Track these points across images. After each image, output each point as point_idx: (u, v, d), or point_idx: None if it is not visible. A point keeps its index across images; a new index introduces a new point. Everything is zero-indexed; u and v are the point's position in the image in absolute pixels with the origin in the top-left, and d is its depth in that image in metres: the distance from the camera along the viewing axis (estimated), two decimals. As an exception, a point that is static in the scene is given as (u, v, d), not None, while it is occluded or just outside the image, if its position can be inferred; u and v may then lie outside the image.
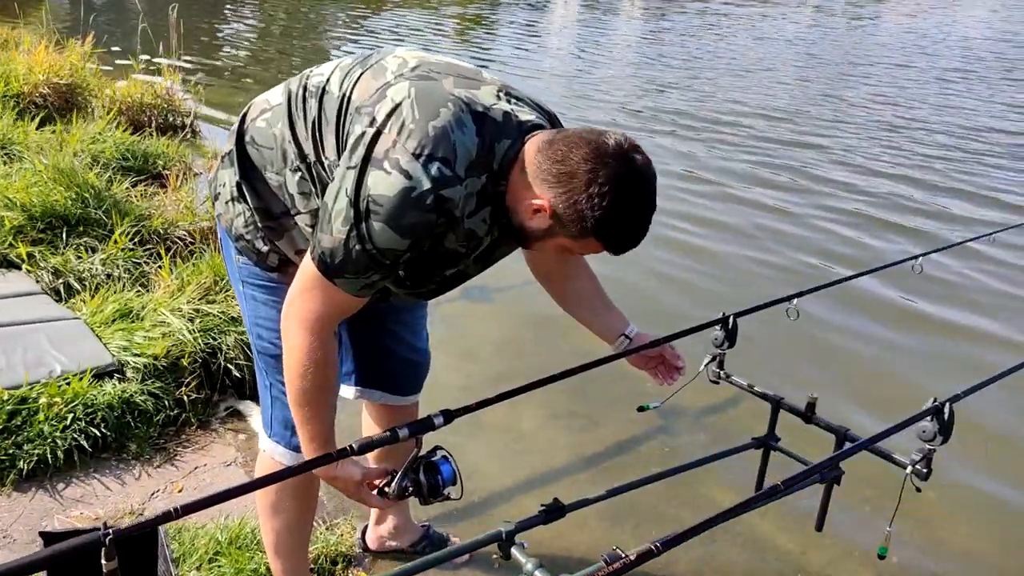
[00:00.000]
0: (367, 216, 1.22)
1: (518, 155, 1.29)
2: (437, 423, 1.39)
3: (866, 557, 2.30)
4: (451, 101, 1.26)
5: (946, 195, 5.74)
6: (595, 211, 1.21)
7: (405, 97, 1.26)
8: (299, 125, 1.39)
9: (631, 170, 1.21)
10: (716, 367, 1.92)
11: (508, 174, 1.29)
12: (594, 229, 1.23)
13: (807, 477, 1.34)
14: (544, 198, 1.24)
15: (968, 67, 11.16)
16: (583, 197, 1.20)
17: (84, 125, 4.40)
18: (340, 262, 1.26)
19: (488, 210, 1.32)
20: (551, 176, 1.23)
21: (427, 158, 1.21)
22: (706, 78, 9.66)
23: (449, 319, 3.50)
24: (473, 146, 1.25)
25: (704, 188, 5.47)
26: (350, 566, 2.10)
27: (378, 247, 1.24)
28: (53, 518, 2.13)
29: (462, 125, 1.25)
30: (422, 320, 1.91)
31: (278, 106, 1.44)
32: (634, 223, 1.26)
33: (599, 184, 1.20)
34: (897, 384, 3.31)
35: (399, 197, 1.20)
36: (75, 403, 2.36)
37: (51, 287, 3.02)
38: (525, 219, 1.29)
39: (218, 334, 2.76)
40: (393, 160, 1.21)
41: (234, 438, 2.58)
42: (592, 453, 2.71)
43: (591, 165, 1.20)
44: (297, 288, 1.34)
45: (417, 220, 1.22)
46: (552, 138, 1.25)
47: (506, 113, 1.31)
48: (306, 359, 1.32)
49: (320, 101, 1.37)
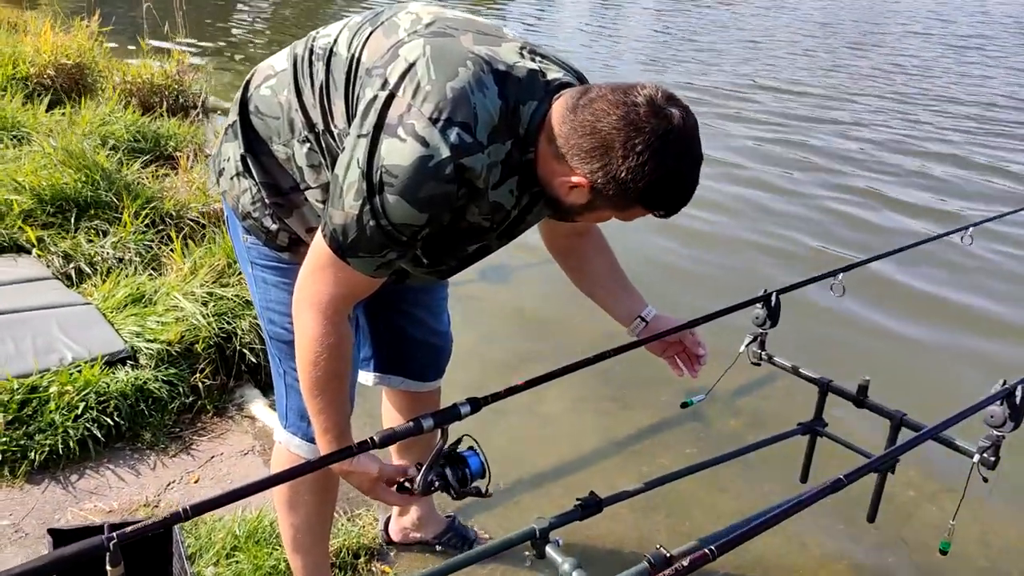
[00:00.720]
0: (381, 188, 1.11)
1: (546, 117, 1.17)
2: (464, 412, 1.29)
3: (921, 550, 2.18)
4: (470, 59, 1.14)
5: (982, 171, 5.53)
6: (638, 181, 1.10)
7: (420, 56, 1.15)
8: (306, 92, 1.28)
9: (668, 129, 1.09)
10: (757, 348, 1.81)
11: (537, 140, 1.17)
12: (639, 198, 1.13)
13: (872, 468, 1.22)
14: (580, 174, 1.13)
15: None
16: (622, 169, 1.09)
17: (94, 107, 4.31)
18: (353, 240, 1.16)
19: (515, 180, 1.20)
20: (583, 152, 1.11)
21: (445, 123, 1.10)
22: (715, 50, 9.42)
23: (467, 300, 3.39)
24: (495, 109, 1.14)
25: (713, 170, 5.32)
26: (373, 559, 2.01)
27: (393, 222, 1.13)
28: (66, 511, 2.06)
29: (483, 86, 1.13)
30: (443, 302, 1.80)
31: (283, 72, 1.33)
32: (681, 183, 1.15)
33: (637, 153, 1.08)
34: (951, 366, 3.16)
35: (415, 167, 1.09)
36: (87, 391, 2.29)
37: (61, 272, 2.94)
38: (563, 195, 1.18)
39: (232, 318, 2.68)
40: (408, 126, 1.10)
41: (251, 425, 2.50)
42: (621, 437, 2.61)
43: (625, 133, 1.08)
44: (308, 268, 1.24)
45: (435, 192, 1.11)
46: (575, 103, 1.13)
47: (531, 71, 1.19)
48: (319, 345, 1.23)
49: (328, 64, 1.25)
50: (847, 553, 2.17)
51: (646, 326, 1.56)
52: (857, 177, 5.29)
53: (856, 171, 5.40)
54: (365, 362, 1.78)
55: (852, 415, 1.77)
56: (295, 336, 1.26)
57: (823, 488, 1.13)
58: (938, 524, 2.29)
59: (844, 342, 3.26)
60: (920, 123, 6.58)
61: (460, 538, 2.07)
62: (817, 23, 11.73)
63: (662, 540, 2.16)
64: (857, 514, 2.16)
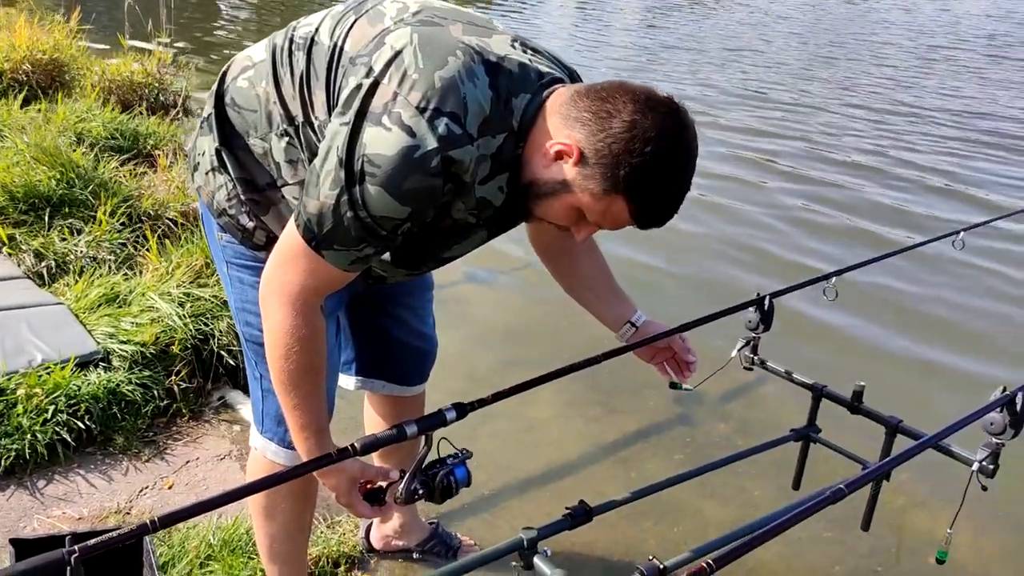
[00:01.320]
0: (362, 179, 1.05)
1: (539, 111, 1.11)
2: (449, 418, 1.23)
3: (913, 557, 2.15)
4: (460, 49, 1.09)
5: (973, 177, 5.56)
6: (634, 157, 1.03)
7: (407, 44, 1.09)
8: (285, 83, 1.22)
9: (683, 126, 1.05)
10: (750, 352, 1.77)
11: (528, 134, 1.12)
12: (627, 182, 1.04)
13: (872, 476, 1.18)
14: (571, 139, 1.06)
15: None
16: (623, 139, 1.03)
17: (71, 103, 4.22)
18: (329, 231, 1.10)
19: (505, 177, 1.15)
20: (587, 114, 1.05)
21: (433, 112, 1.04)
22: (683, 60, 9.44)
23: (453, 303, 3.33)
24: (486, 100, 1.08)
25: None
26: (353, 568, 1.95)
27: (373, 215, 1.07)
28: (32, 519, 1.98)
29: (473, 76, 1.08)
30: (428, 304, 1.75)
31: (261, 63, 1.27)
32: (673, 188, 1.08)
33: (644, 128, 1.02)
34: (950, 371, 3.14)
35: (400, 157, 1.03)
36: (57, 394, 2.20)
37: (33, 271, 2.86)
38: (539, 169, 1.11)
39: (210, 319, 2.60)
40: (394, 115, 1.04)
41: (228, 429, 2.43)
42: (609, 443, 2.56)
43: (638, 107, 1.03)
44: (278, 258, 1.17)
45: (420, 185, 1.05)
46: (592, 84, 1.09)
47: (523, 64, 1.14)
48: (289, 338, 1.16)
49: (308, 54, 1.19)
50: (839, 560, 2.14)
51: (635, 331, 1.51)
52: (846, 185, 5.29)
53: (843, 179, 5.40)
54: (347, 365, 1.72)
55: (838, 421, 1.74)
56: (264, 329, 1.19)
57: (824, 498, 1.09)
58: (930, 530, 2.26)
59: (832, 349, 3.23)
60: (901, 134, 6.62)
61: (444, 546, 2.01)
62: (796, 33, 11.81)
63: (651, 547, 2.13)
64: (849, 519, 2.12)
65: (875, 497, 1.62)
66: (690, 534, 2.17)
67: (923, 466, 2.21)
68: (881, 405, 1.62)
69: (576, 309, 1.58)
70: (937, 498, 2.37)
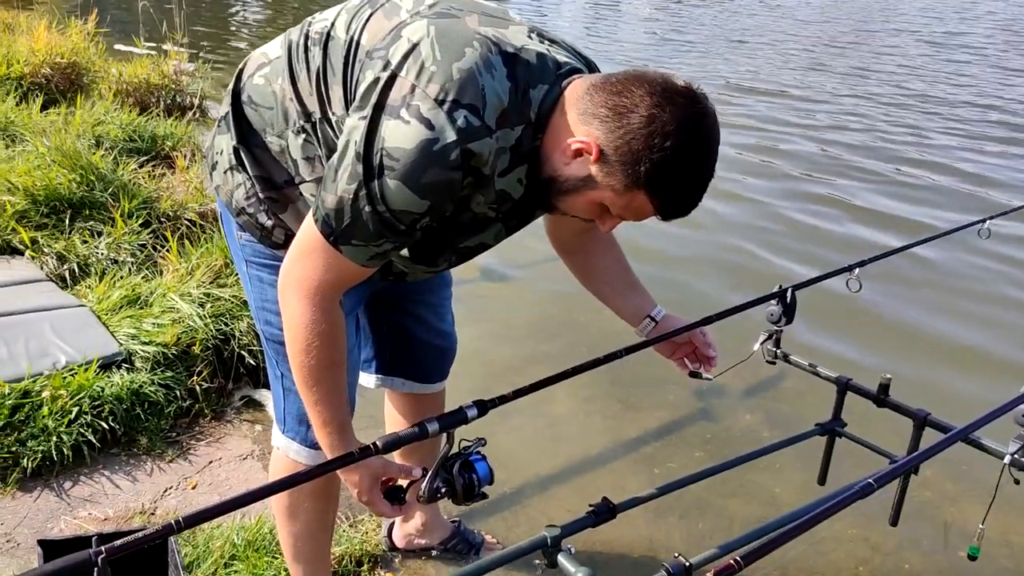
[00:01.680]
0: (380, 172, 1.04)
1: (557, 102, 1.10)
2: (471, 415, 1.23)
3: (942, 552, 2.12)
4: (477, 40, 1.08)
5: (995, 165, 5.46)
6: (654, 152, 1.01)
7: (424, 36, 1.08)
8: (301, 79, 1.22)
9: (703, 115, 1.03)
10: (772, 346, 1.75)
11: (547, 125, 1.11)
12: (648, 177, 1.03)
13: (901, 471, 1.16)
14: (590, 136, 1.05)
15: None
16: (641, 135, 1.01)
17: (89, 107, 4.25)
18: (347, 226, 1.09)
19: (524, 169, 1.14)
20: (604, 109, 1.04)
21: (452, 104, 1.03)
22: (699, 52, 9.35)
23: (472, 299, 3.33)
24: (505, 92, 1.07)
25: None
26: (376, 566, 1.95)
27: (392, 209, 1.06)
28: (59, 520, 2.00)
29: (491, 67, 1.07)
30: (447, 301, 1.74)
31: (277, 59, 1.26)
32: (695, 179, 1.07)
33: (663, 122, 1.01)
34: (979, 363, 3.08)
35: (419, 150, 1.03)
36: (81, 396, 2.22)
37: (56, 273, 2.88)
38: (560, 166, 1.10)
39: (230, 319, 2.62)
40: (413, 108, 1.03)
41: (250, 429, 2.44)
42: (631, 439, 2.54)
43: (656, 99, 1.01)
44: (295, 252, 1.17)
45: (439, 179, 1.04)
46: (604, 79, 1.07)
47: (540, 54, 1.12)
48: (309, 332, 1.16)
49: (325, 49, 1.19)
50: (866, 558, 2.11)
51: (655, 326, 1.50)
52: (870, 176, 5.23)
53: (866, 170, 5.34)
54: (367, 364, 1.72)
55: (864, 415, 1.71)
56: (283, 324, 1.19)
57: (852, 493, 1.07)
58: (959, 525, 2.23)
59: (857, 341, 3.19)
60: (926, 122, 6.52)
61: (466, 544, 2.00)
62: (814, 23, 11.66)
63: (676, 544, 2.11)
64: (875, 513, 2.10)
65: (903, 492, 1.59)
66: (715, 531, 2.15)
67: (951, 459, 2.18)
68: (907, 398, 1.59)
69: (595, 304, 1.56)
70: (966, 492, 2.33)
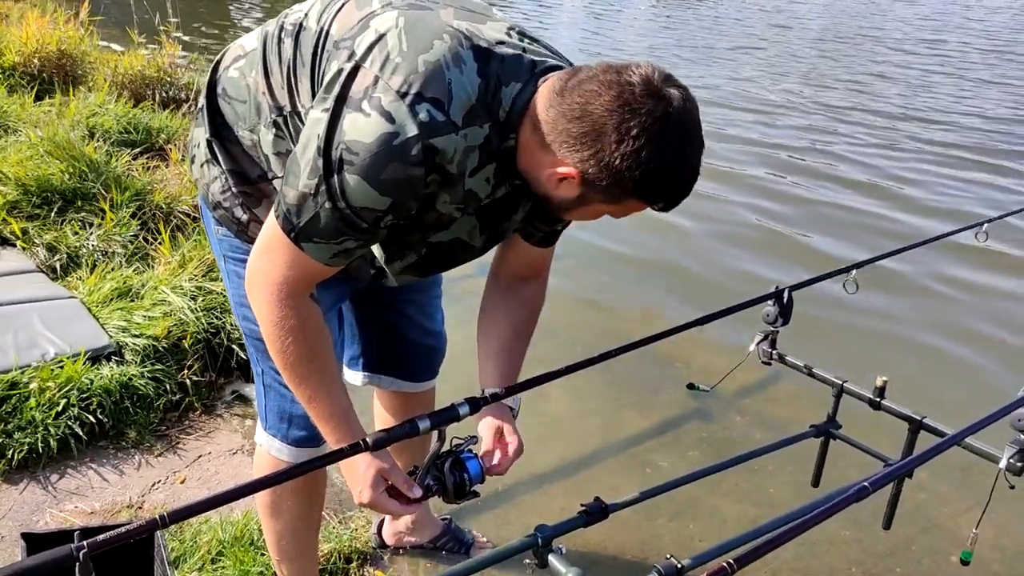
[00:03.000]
0: (340, 167, 1.01)
1: (530, 102, 1.06)
2: (463, 412, 1.22)
3: (935, 556, 2.11)
4: (448, 33, 1.04)
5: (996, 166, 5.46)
6: (634, 170, 0.99)
7: (392, 27, 1.05)
8: (274, 71, 1.19)
9: (667, 111, 0.98)
10: (768, 347, 1.74)
11: (519, 127, 1.07)
12: (636, 189, 1.02)
13: (897, 474, 1.15)
14: (568, 164, 1.03)
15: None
16: (616, 156, 0.99)
17: (83, 97, 4.22)
18: (307, 223, 1.06)
19: (492, 168, 1.10)
20: (571, 138, 1.01)
21: (415, 98, 1.00)
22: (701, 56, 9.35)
23: (463, 297, 3.30)
24: (473, 88, 1.03)
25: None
26: (366, 564, 1.93)
27: (352, 206, 1.03)
28: (45, 513, 1.98)
29: (460, 61, 1.03)
30: (436, 300, 1.71)
31: (253, 51, 1.24)
32: (680, 172, 1.04)
33: (632, 138, 0.98)
34: (974, 366, 3.08)
35: (379, 144, 0.99)
36: (69, 388, 2.20)
37: (46, 264, 2.86)
38: (550, 189, 1.08)
39: (222, 313, 2.60)
40: (374, 100, 1.00)
41: (240, 423, 2.42)
42: (623, 438, 2.53)
43: (618, 116, 0.97)
44: (259, 247, 1.13)
45: (400, 175, 1.01)
46: (563, 86, 1.02)
47: (516, 51, 1.08)
48: (280, 330, 1.13)
49: (296, 40, 1.16)
50: (858, 560, 2.10)
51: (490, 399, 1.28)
52: (860, 179, 5.22)
53: (858, 174, 5.33)
54: (354, 361, 1.70)
55: (858, 417, 1.70)
56: (257, 322, 1.16)
57: (847, 496, 1.06)
58: (951, 528, 2.22)
59: (853, 343, 3.18)
60: (921, 127, 6.53)
61: (456, 542, 1.99)
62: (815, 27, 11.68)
63: (667, 545, 2.10)
64: (867, 516, 2.09)
65: (897, 495, 1.59)
66: (706, 532, 2.14)
67: (945, 463, 2.18)
68: (903, 401, 1.58)
69: (590, 303, 1.55)
70: (959, 495, 2.33)
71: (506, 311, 1.40)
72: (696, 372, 2.75)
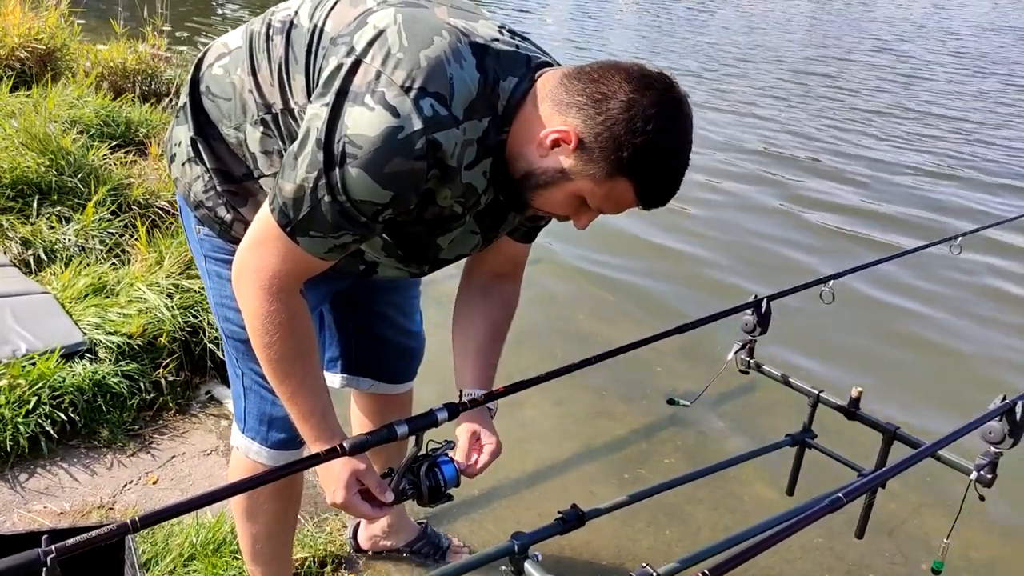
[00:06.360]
0: (342, 161, 1.01)
1: (526, 96, 1.08)
2: (440, 418, 1.21)
3: (906, 565, 2.13)
4: (446, 29, 1.06)
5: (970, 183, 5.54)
6: (636, 136, 1.00)
7: (391, 24, 1.05)
8: (262, 69, 1.18)
9: (679, 99, 1.03)
10: (746, 355, 1.75)
11: (514, 119, 1.08)
12: (630, 162, 1.02)
13: (871, 485, 1.16)
14: (568, 126, 1.03)
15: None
16: (622, 120, 1.00)
17: (62, 89, 4.16)
18: (305, 216, 1.05)
19: (489, 162, 1.11)
20: (582, 98, 1.02)
21: (419, 92, 1.00)
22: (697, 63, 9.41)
23: (443, 299, 3.28)
24: (473, 83, 1.05)
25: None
26: (340, 568, 1.92)
27: (353, 199, 1.03)
28: (13, 513, 1.94)
29: (460, 56, 1.04)
30: (415, 300, 1.71)
31: (237, 49, 1.23)
32: (675, 164, 1.05)
33: (643, 107, 1.00)
34: (948, 378, 3.12)
35: (383, 138, 0.99)
36: (40, 385, 2.16)
37: (20, 259, 2.81)
38: (536, 159, 1.07)
39: (199, 311, 2.57)
40: (377, 94, 1.00)
41: (215, 424, 2.40)
42: (601, 444, 2.53)
43: (634, 85, 1.01)
44: (249, 241, 1.12)
45: (403, 168, 1.01)
46: (581, 67, 1.06)
47: (510, 47, 1.11)
48: (269, 325, 1.12)
49: (287, 37, 1.16)
50: (830, 568, 2.12)
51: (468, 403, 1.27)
52: (842, 192, 5.27)
53: (841, 184, 5.39)
54: (332, 363, 1.69)
55: (834, 427, 1.72)
56: (243, 315, 1.15)
57: (821, 507, 1.07)
58: (922, 538, 2.25)
59: (829, 353, 3.21)
60: (900, 137, 6.61)
61: (432, 547, 1.98)
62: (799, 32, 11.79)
63: (643, 551, 2.10)
64: (839, 524, 2.11)
65: (870, 506, 1.60)
66: (682, 539, 2.15)
67: (917, 473, 2.20)
68: (878, 411, 1.60)
69: (570, 309, 1.55)
70: (930, 506, 2.35)
71: (484, 311, 1.39)
72: (675, 380, 2.76)
